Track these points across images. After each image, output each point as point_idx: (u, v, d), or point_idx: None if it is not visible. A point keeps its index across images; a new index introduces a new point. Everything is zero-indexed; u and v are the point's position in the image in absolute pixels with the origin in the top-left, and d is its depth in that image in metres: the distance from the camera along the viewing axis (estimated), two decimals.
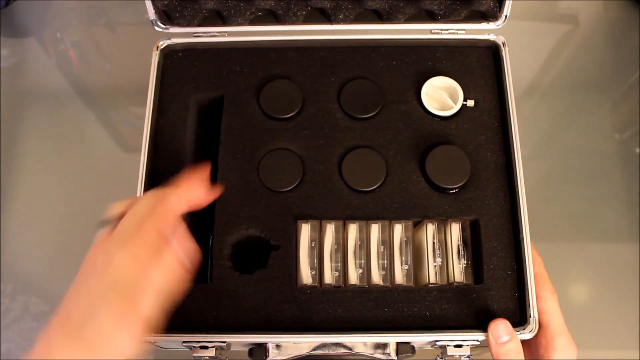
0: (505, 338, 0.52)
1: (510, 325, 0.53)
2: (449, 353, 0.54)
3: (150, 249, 0.45)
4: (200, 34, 0.65)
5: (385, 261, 0.57)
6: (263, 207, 0.59)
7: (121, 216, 0.48)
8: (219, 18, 0.65)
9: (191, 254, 0.49)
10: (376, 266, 0.57)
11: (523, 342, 0.55)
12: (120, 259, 0.43)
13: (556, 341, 0.53)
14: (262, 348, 0.54)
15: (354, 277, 0.57)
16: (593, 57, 0.86)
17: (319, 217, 0.58)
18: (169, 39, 0.65)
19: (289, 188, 0.59)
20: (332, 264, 0.57)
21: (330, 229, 0.58)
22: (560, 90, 0.83)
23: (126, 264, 0.43)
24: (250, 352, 0.55)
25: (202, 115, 0.65)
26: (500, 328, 0.52)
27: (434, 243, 0.58)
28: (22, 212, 0.77)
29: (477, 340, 0.54)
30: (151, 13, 0.63)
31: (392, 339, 0.54)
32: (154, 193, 0.49)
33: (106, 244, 0.45)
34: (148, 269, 0.44)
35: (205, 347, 0.54)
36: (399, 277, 0.57)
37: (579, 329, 0.56)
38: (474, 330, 0.54)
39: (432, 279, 0.57)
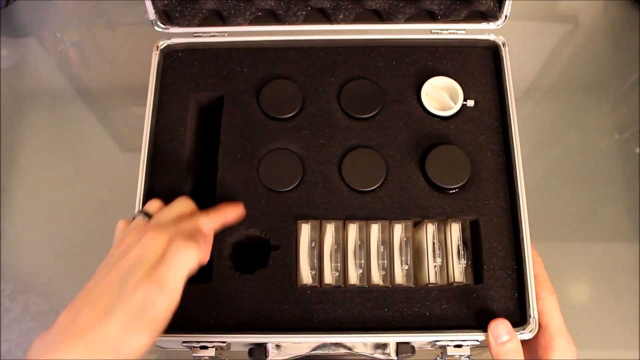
0: (505, 338, 0.52)
1: (510, 325, 0.53)
2: (449, 353, 0.54)
3: (186, 236, 0.48)
4: (200, 34, 0.65)
5: (385, 261, 0.57)
6: (263, 207, 0.59)
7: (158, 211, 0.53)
8: (219, 18, 0.65)
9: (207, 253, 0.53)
10: (376, 266, 0.57)
11: (522, 342, 0.55)
12: (156, 240, 0.47)
13: (556, 341, 0.53)
14: (262, 348, 0.54)
15: (354, 277, 0.57)
16: (593, 57, 0.86)
17: (319, 217, 0.58)
18: (169, 39, 0.65)
19: (289, 188, 0.59)
20: (332, 264, 0.57)
21: (330, 229, 0.58)
22: (561, 90, 0.83)
23: (158, 245, 0.47)
24: (250, 352, 0.55)
25: (202, 115, 0.65)
26: (500, 328, 0.52)
27: (433, 243, 0.58)
28: (22, 212, 0.77)
29: (477, 340, 0.54)
30: (151, 13, 0.63)
31: (392, 339, 0.54)
32: (191, 201, 0.54)
33: (145, 228, 0.49)
34: (178, 251, 0.47)
35: (205, 347, 0.54)
36: (399, 277, 0.57)
37: (579, 329, 0.56)
38: (474, 330, 0.54)
39: (432, 279, 0.57)
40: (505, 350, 0.52)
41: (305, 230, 0.58)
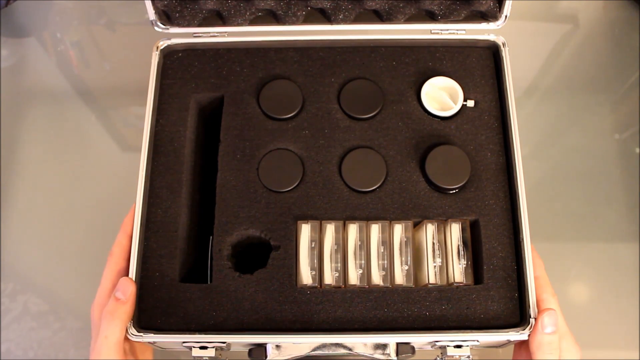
0: (552, 329, 0.52)
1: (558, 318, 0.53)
2: (448, 353, 0.54)
3: None
4: (200, 34, 0.65)
5: (385, 261, 0.57)
6: (263, 207, 0.59)
7: None
8: (219, 18, 0.65)
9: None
10: (376, 266, 0.57)
11: (524, 343, 0.55)
12: None
13: (560, 343, 0.53)
14: (261, 348, 0.54)
15: (354, 277, 0.57)
16: (593, 57, 0.86)
17: (319, 218, 0.58)
18: (169, 39, 0.65)
19: (289, 188, 0.59)
20: (332, 265, 0.57)
21: (330, 230, 0.58)
22: (560, 90, 0.83)
23: None
24: (250, 352, 0.55)
25: (202, 115, 0.65)
26: (551, 318, 0.52)
27: (433, 243, 0.58)
28: (22, 212, 0.77)
29: (477, 341, 0.54)
30: (151, 13, 0.63)
31: (392, 339, 0.54)
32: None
33: None
34: None
35: (205, 348, 0.54)
36: (399, 278, 0.57)
37: (579, 329, 0.56)
38: (474, 331, 0.54)
39: (432, 279, 0.57)
40: (548, 340, 0.52)
41: (305, 231, 0.58)
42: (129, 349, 0.56)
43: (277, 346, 0.54)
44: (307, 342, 0.54)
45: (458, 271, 0.57)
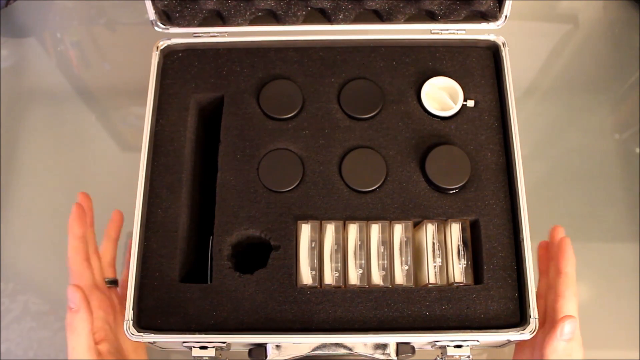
0: (570, 336, 0.52)
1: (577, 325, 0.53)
2: (449, 353, 0.54)
3: None
4: (200, 34, 0.65)
5: (385, 261, 0.57)
6: (263, 207, 0.59)
7: None
8: (219, 18, 0.65)
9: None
10: (376, 266, 0.57)
11: (525, 342, 0.55)
12: None
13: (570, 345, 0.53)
14: (262, 348, 0.54)
15: (354, 277, 0.57)
16: (593, 57, 0.86)
17: (319, 218, 0.58)
18: (169, 39, 0.65)
19: (289, 188, 0.59)
20: (332, 265, 0.57)
21: (330, 229, 0.58)
22: (560, 91, 0.83)
23: None
24: (250, 352, 0.55)
25: (202, 115, 0.65)
26: (572, 325, 0.52)
27: (433, 243, 0.58)
28: (22, 212, 0.77)
29: (477, 340, 0.54)
30: (151, 13, 0.63)
31: (392, 339, 0.54)
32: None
33: None
34: None
35: (205, 348, 0.54)
36: (399, 278, 0.57)
37: (579, 329, 0.56)
38: (474, 331, 0.54)
39: (432, 279, 0.57)
40: (563, 347, 0.52)
41: (305, 231, 0.58)
42: (107, 350, 0.55)
43: (277, 346, 0.54)
44: (307, 342, 0.54)
45: (458, 271, 0.57)
